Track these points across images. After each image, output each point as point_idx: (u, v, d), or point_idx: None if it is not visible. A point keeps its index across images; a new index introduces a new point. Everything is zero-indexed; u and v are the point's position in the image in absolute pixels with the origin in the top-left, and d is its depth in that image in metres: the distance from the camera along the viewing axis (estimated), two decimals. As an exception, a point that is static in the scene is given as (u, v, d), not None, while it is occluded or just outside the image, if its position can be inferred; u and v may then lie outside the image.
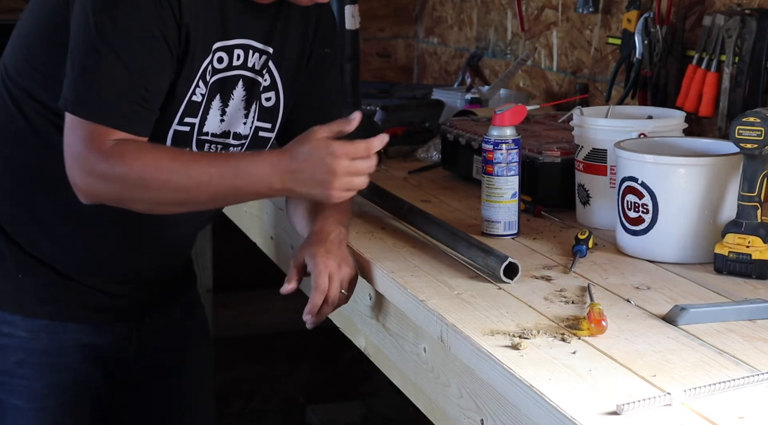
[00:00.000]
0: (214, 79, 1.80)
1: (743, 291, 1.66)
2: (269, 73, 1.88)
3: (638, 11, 2.55)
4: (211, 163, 1.71)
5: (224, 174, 1.68)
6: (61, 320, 1.91)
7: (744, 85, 2.24)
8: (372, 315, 1.88)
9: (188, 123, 1.79)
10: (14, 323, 1.88)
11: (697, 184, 1.78)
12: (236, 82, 1.83)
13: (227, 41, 1.80)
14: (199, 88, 1.78)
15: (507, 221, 1.92)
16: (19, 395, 1.90)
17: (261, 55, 1.85)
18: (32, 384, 1.90)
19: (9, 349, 1.89)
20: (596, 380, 1.32)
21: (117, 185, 1.68)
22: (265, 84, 1.88)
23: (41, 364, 1.90)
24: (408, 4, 3.99)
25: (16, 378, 1.90)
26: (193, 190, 1.68)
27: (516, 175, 1.91)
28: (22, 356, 1.89)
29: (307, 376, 3.96)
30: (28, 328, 1.89)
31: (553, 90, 3.06)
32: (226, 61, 1.81)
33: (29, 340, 1.89)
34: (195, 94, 1.78)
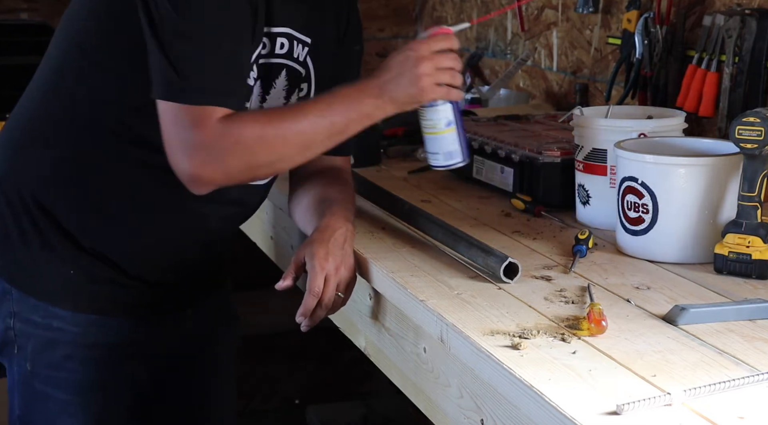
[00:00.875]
0: (259, 64, 1.81)
1: (743, 291, 1.66)
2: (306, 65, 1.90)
3: (638, 11, 2.55)
4: (313, 104, 1.74)
5: (327, 106, 1.71)
6: (110, 315, 1.90)
7: (744, 85, 2.24)
8: (372, 315, 1.88)
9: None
10: (64, 318, 1.88)
11: (697, 184, 1.78)
12: (280, 71, 1.84)
13: (271, 28, 1.80)
14: (253, 71, 1.79)
15: (446, 151, 1.82)
16: (65, 389, 1.90)
17: (304, 46, 1.86)
18: (78, 378, 1.90)
19: (58, 343, 1.89)
20: (596, 380, 1.32)
21: (241, 157, 1.68)
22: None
23: (88, 359, 1.90)
24: (408, 4, 3.99)
25: (63, 372, 1.90)
26: (308, 132, 1.70)
27: (447, 103, 1.79)
28: (70, 350, 1.89)
29: (307, 376, 3.96)
30: (77, 323, 1.89)
31: (553, 90, 3.06)
32: (268, 48, 1.81)
33: (78, 335, 1.89)
34: (249, 77, 1.79)
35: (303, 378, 3.95)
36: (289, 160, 1.76)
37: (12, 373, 1.93)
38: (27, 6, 3.59)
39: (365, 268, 1.84)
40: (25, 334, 1.89)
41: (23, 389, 1.92)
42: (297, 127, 1.70)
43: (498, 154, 2.24)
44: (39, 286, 1.88)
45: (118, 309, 1.91)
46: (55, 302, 1.88)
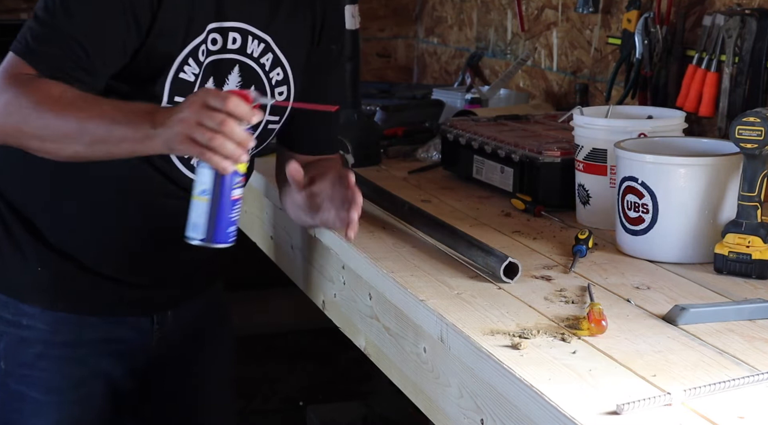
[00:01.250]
0: (209, 60, 1.80)
1: (743, 291, 1.66)
2: (281, 67, 1.89)
3: (638, 11, 2.55)
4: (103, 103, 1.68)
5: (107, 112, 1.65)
6: (80, 313, 1.90)
7: (744, 85, 2.24)
8: (372, 315, 1.88)
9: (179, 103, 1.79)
10: (34, 315, 1.88)
11: (697, 184, 1.78)
12: (232, 66, 1.83)
13: (222, 23, 1.80)
14: (190, 66, 1.78)
15: (192, 221, 1.61)
16: (39, 387, 1.90)
17: (260, 43, 1.85)
18: (51, 377, 1.90)
19: (29, 342, 1.89)
20: (596, 380, 1.32)
21: (15, 109, 1.66)
22: (278, 78, 1.89)
23: (60, 357, 1.90)
24: (408, 4, 3.99)
25: (35, 371, 1.90)
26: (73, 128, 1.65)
27: (211, 170, 1.58)
28: (41, 348, 1.89)
29: (307, 376, 3.96)
30: (47, 321, 1.89)
31: (553, 90, 3.06)
32: (220, 43, 1.81)
33: (48, 333, 1.89)
34: (184, 72, 1.78)
35: (303, 378, 3.96)
36: (50, 143, 1.67)
37: None
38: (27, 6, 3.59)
39: (365, 268, 1.84)
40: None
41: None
42: (63, 117, 1.65)
43: (498, 154, 2.24)
44: (7, 283, 1.89)
45: (88, 307, 1.91)
46: (23, 299, 1.88)
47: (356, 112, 2.57)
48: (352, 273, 1.94)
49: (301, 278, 2.29)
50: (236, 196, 1.61)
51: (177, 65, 1.77)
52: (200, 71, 1.80)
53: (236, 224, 1.63)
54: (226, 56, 1.83)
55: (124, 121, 1.62)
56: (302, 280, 2.28)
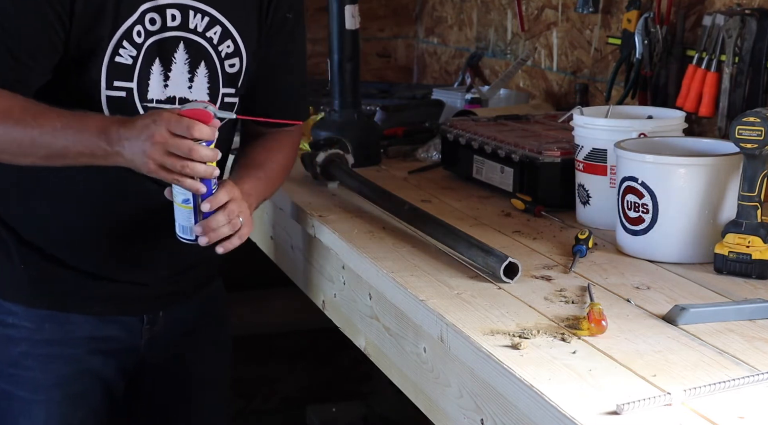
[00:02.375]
0: (150, 41, 1.79)
1: (743, 291, 1.66)
2: (231, 39, 1.87)
3: (638, 11, 2.55)
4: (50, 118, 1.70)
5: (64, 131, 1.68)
6: (64, 310, 1.90)
7: (744, 85, 2.24)
8: (372, 315, 1.88)
9: (121, 87, 1.79)
10: (18, 313, 1.88)
11: (697, 184, 1.78)
12: (176, 44, 1.82)
13: (156, 2, 1.79)
14: (125, 49, 1.78)
15: (181, 224, 1.74)
16: (25, 386, 1.90)
17: (204, 16, 1.84)
18: (37, 376, 1.90)
19: (14, 340, 1.89)
20: (596, 380, 1.32)
21: None
22: (228, 51, 1.88)
23: (45, 355, 1.90)
24: (408, 4, 3.99)
25: (21, 370, 1.90)
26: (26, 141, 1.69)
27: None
28: (26, 347, 1.89)
29: (307, 376, 3.96)
30: (31, 319, 1.89)
31: (553, 90, 3.06)
32: (159, 23, 1.80)
33: (33, 331, 1.89)
34: (120, 55, 1.78)
35: (303, 378, 3.96)
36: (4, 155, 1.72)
37: None
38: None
39: (365, 268, 1.84)
40: None
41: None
42: (18, 131, 1.69)
43: (498, 154, 2.24)
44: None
45: (71, 305, 1.90)
46: (7, 297, 1.89)
47: (356, 112, 2.57)
48: (352, 273, 1.94)
49: (301, 278, 2.29)
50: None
51: (111, 50, 1.77)
52: (139, 53, 1.79)
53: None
54: (168, 35, 1.82)
55: (77, 139, 1.67)
56: (302, 280, 2.28)
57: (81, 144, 1.68)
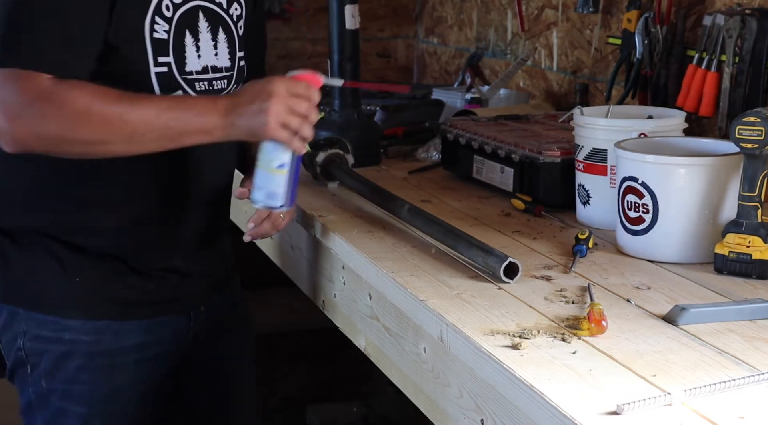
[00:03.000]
0: (178, 14, 1.81)
1: (743, 291, 1.66)
2: (237, 3, 1.92)
3: (638, 11, 2.55)
4: (153, 98, 1.73)
5: (170, 106, 1.70)
6: (122, 318, 1.89)
7: (744, 85, 2.24)
8: (372, 315, 1.88)
9: (164, 62, 1.80)
10: (76, 328, 1.86)
11: (698, 184, 1.78)
12: (196, 13, 1.84)
13: None
14: (159, 24, 1.79)
15: (270, 190, 1.78)
16: (80, 401, 1.89)
17: None
18: (91, 389, 1.89)
19: (70, 356, 1.87)
20: (596, 380, 1.32)
21: (57, 125, 1.67)
22: (237, 13, 1.91)
23: (101, 367, 1.89)
24: (408, 4, 3.99)
25: (77, 385, 1.88)
26: (136, 124, 1.68)
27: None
28: (83, 361, 1.88)
29: (307, 376, 3.96)
30: (90, 331, 1.87)
31: (553, 90, 3.06)
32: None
33: (91, 344, 1.87)
34: (156, 31, 1.79)
35: (303, 378, 3.96)
36: (108, 145, 1.70)
37: (27, 395, 1.91)
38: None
39: (365, 268, 1.84)
40: (36, 352, 1.87)
41: (42, 409, 1.90)
42: (128, 116, 1.68)
43: (498, 154, 2.24)
44: (46, 301, 1.87)
45: (130, 311, 1.90)
46: (65, 314, 1.86)
47: (356, 112, 2.57)
48: (352, 273, 1.94)
49: (301, 278, 2.29)
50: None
51: (148, 27, 1.77)
52: (171, 27, 1.80)
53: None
54: (189, 5, 1.84)
55: (188, 117, 1.70)
56: (302, 280, 2.28)
57: (193, 121, 1.69)
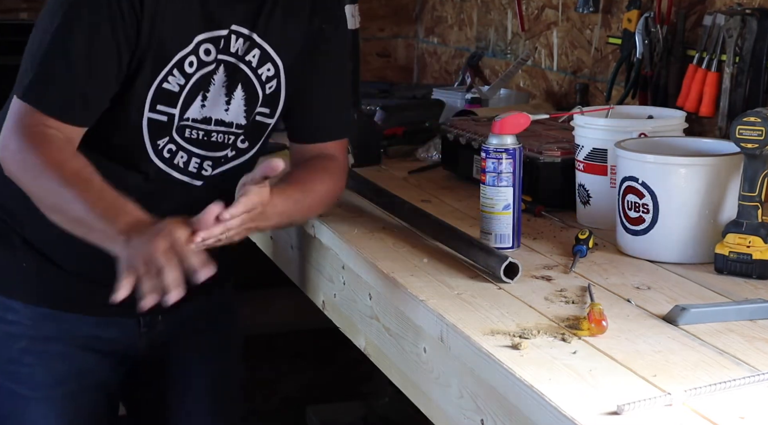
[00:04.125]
0: (202, 71, 1.81)
1: (744, 291, 1.66)
2: (271, 62, 1.88)
3: (639, 11, 2.55)
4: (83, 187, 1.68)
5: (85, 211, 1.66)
6: (63, 310, 1.92)
7: (744, 85, 2.24)
8: (372, 315, 1.88)
9: (164, 112, 1.80)
10: (18, 310, 1.90)
11: (698, 184, 1.77)
12: (217, 68, 1.83)
13: (212, 32, 1.80)
14: (174, 76, 1.79)
15: (499, 233, 1.83)
16: (25, 383, 1.91)
17: (245, 41, 1.84)
18: (36, 373, 1.91)
19: (14, 337, 1.91)
20: (596, 380, 1.32)
21: (21, 166, 1.72)
22: (269, 74, 1.88)
23: (44, 353, 1.91)
24: (408, 4, 3.99)
25: (21, 367, 1.91)
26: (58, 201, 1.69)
27: (509, 186, 1.82)
28: (26, 344, 1.91)
29: (307, 376, 3.96)
30: (30, 316, 1.91)
31: (553, 90, 3.06)
32: (213, 53, 1.82)
33: (32, 328, 1.91)
34: (168, 83, 1.79)
35: (303, 378, 3.96)
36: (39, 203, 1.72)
37: None
38: (27, 6, 3.59)
39: (365, 268, 1.84)
40: None
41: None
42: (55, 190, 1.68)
43: (498, 154, 2.23)
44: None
45: (71, 305, 1.92)
46: (9, 294, 1.91)
47: (356, 112, 2.56)
48: (352, 273, 1.94)
49: (301, 278, 2.29)
50: None
51: (161, 77, 1.79)
52: (187, 82, 1.80)
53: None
54: (214, 63, 1.83)
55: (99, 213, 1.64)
56: (302, 280, 2.28)
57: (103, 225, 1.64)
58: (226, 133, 1.88)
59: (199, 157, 1.88)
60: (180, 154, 1.86)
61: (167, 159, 1.85)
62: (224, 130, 1.87)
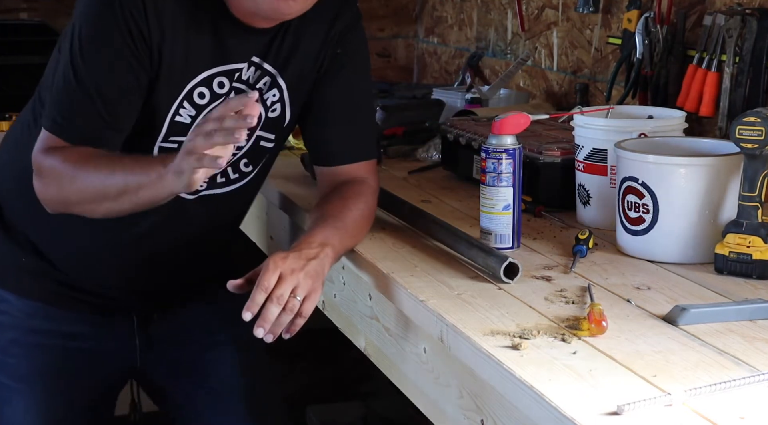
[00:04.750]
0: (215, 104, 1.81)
1: (744, 291, 1.66)
2: (278, 88, 1.89)
3: (639, 11, 2.55)
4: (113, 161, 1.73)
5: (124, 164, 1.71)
6: (55, 305, 1.95)
7: (744, 85, 2.24)
8: (372, 315, 1.88)
9: (176, 141, 1.82)
10: (11, 301, 1.94)
11: (698, 184, 1.77)
12: (228, 94, 1.84)
13: (225, 66, 1.82)
14: (185, 108, 1.80)
15: (499, 233, 1.83)
16: (11, 374, 1.95)
17: (257, 70, 1.86)
18: (21, 364, 1.95)
19: (3, 327, 1.95)
20: (596, 380, 1.32)
21: (54, 187, 1.75)
22: (273, 99, 1.89)
23: (31, 345, 1.94)
24: (408, 4, 3.99)
25: (7, 357, 1.95)
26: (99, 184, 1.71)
27: (509, 187, 1.82)
28: (15, 334, 1.94)
29: (307, 376, 3.96)
30: (21, 309, 1.94)
31: (553, 90, 3.06)
32: (227, 86, 1.83)
33: (22, 320, 1.94)
34: (180, 115, 1.80)
35: (303, 378, 3.95)
36: (87, 204, 1.75)
37: None
38: (27, 6, 3.59)
39: (365, 268, 1.84)
40: None
41: None
42: (89, 178, 1.72)
43: (498, 154, 2.23)
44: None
45: (64, 302, 1.95)
46: (3, 285, 1.95)
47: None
48: (352, 273, 1.94)
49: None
50: None
51: (173, 110, 1.80)
52: (199, 114, 1.81)
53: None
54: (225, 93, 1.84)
55: (139, 169, 1.67)
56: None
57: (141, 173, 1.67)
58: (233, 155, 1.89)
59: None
60: None
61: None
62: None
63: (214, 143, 1.54)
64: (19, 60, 3.07)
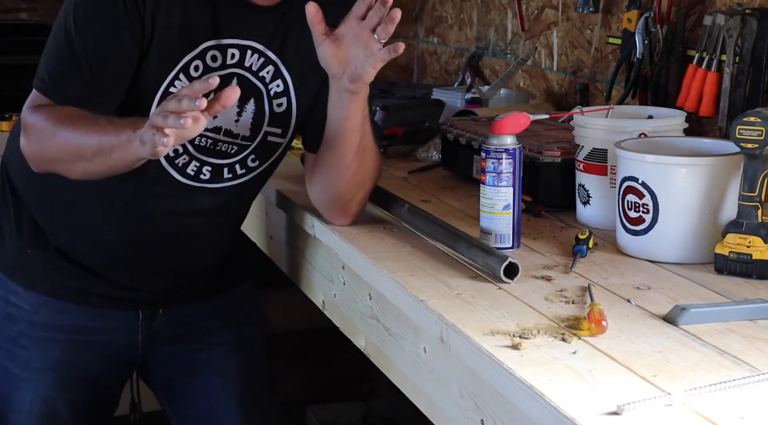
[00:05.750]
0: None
1: (744, 291, 1.66)
2: (282, 79, 1.90)
3: (639, 11, 2.55)
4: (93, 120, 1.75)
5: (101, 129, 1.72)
6: (60, 298, 1.97)
7: (744, 85, 2.24)
8: (372, 315, 1.88)
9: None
10: (20, 294, 1.97)
11: (698, 184, 1.77)
12: (230, 80, 1.85)
13: (220, 40, 1.83)
14: (180, 81, 1.81)
15: (499, 233, 1.83)
16: (19, 364, 1.98)
17: (260, 57, 1.86)
18: (29, 355, 1.98)
19: (14, 318, 1.97)
20: (596, 380, 1.32)
21: (36, 143, 1.79)
22: (278, 90, 1.90)
23: (39, 338, 1.97)
24: (408, 4, 3.99)
25: (17, 348, 1.98)
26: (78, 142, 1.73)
27: (509, 187, 1.82)
28: (23, 327, 1.97)
29: (307, 376, 3.96)
30: (29, 301, 1.97)
31: (553, 90, 3.05)
32: (219, 60, 1.84)
33: (30, 313, 1.97)
34: (174, 87, 1.81)
35: (303, 378, 3.95)
36: (66, 164, 1.78)
37: None
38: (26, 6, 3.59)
39: (365, 268, 1.84)
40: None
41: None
42: (66, 136, 1.74)
43: (498, 154, 2.23)
44: (3, 259, 1.99)
45: (70, 295, 1.97)
46: (12, 276, 1.98)
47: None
48: (352, 273, 1.94)
49: (301, 278, 2.29)
50: None
51: (168, 81, 1.81)
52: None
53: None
54: (225, 71, 1.85)
55: (112, 130, 1.70)
56: (302, 280, 2.28)
57: (113, 135, 1.70)
58: (231, 143, 1.91)
59: (199, 161, 1.91)
60: (183, 157, 1.88)
61: (170, 158, 1.88)
62: (230, 140, 1.90)
63: (167, 124, 1.57)
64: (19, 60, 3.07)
